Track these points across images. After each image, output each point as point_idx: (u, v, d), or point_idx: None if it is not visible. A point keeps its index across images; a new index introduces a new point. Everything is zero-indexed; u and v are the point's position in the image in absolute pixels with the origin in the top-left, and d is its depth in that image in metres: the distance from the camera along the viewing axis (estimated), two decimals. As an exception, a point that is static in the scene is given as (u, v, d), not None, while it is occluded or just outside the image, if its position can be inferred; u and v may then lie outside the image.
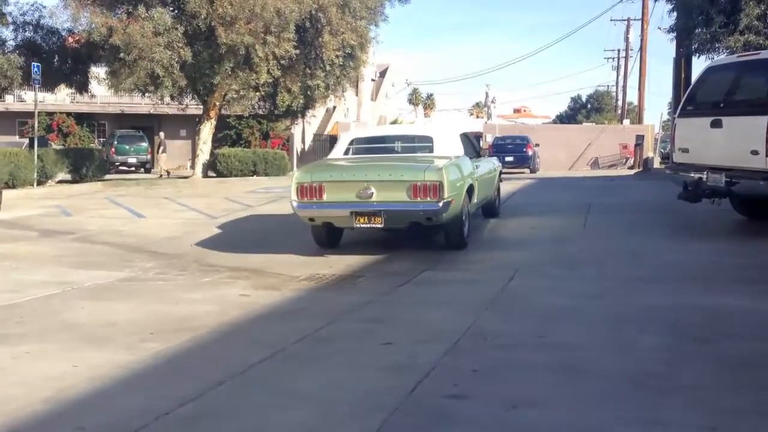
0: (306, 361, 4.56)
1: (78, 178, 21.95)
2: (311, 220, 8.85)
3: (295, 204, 8.77)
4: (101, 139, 36.56)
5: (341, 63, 22.43)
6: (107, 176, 24.43)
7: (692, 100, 9.67)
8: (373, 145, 10.44)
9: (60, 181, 21.38)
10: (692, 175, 9.10)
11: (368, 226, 8.55)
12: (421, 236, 9.34)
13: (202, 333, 5.25)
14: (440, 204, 8.27)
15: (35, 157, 19.56)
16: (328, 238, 9.25)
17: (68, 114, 35.71)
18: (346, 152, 10.05)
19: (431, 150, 9.78)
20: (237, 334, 5.33)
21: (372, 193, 8.43)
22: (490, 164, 11.27)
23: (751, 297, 5.95)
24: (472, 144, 10.91)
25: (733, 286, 6.44)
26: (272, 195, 16.77)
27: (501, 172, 12.47)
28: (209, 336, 5.20)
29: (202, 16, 19.97)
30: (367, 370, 4.32)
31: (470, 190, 9.24)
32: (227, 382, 4.13)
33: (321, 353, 4.73)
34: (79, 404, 3.88)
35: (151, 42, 19.65)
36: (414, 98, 78.16)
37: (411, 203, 8.38)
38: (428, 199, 8.31)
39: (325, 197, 8.64)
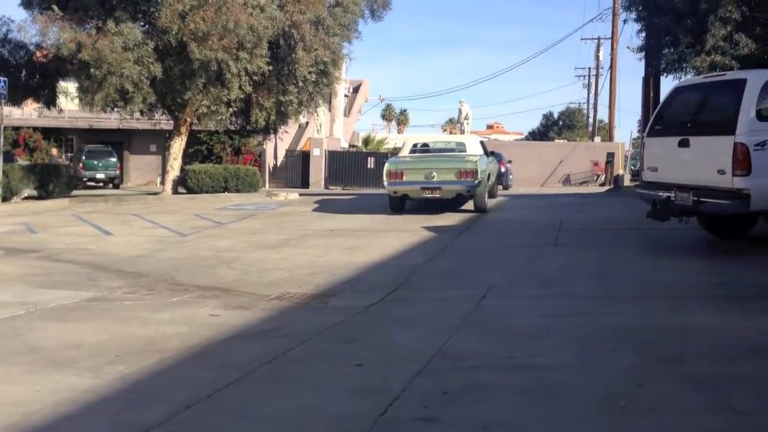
0: (276, 384, 4.50)
1: (44, 194, 21.59)
2: (395, 192, 15.00)
3: (386, 183, 14.93)
4: (69, 154, 36.10)
5: (314, 79, 22.39)
6: (75, 192, 24.07)
7: (660, 119, 9.79)
8: (427, 147, 17.08)
9: (26, 198, 21.01)
10: (661, 193, 9.20)
11: (431, 196, 14.67)
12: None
13: (170, 355, 5.15)
14: (476, 182, 14.35)
15: (0, 172, 19.21)
16: (399, 206, 15.29)
17: (35, 129, 35.22)
18: (410, 153, 16.55)
19: (464, 150, 16.10)
20: (206, 355, 5.24)
21: (434, 176, 14.51)
22: (494, 162, 17.84)
23: (719, 315, 6.00)
24: (485, 148, 17.05)
25: (701, 304, 6.49)
26: (243, 212, 16.65)
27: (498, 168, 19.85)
28: (177, 358, 5.11)
29: (174, 32, 19.83)
30: (338, 393, 4.27)
31: (488, 176, 15.51)
32: (195, 406, 4.06)
33: (291, 375, 4.67)
34: (42, 431, 3.77)
35: (120, 57, 19.45)
36: (387, 114, 78.49)
37: (457, 182, 14.45)
38: (468, 179, 14.40)
39: (404, 178, 14.76)
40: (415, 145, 17.13)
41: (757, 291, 7.02)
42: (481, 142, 17.32)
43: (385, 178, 14.92)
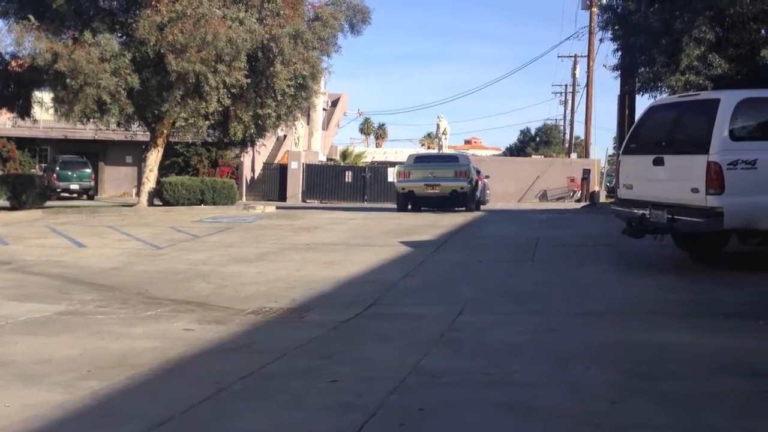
0: (251, 400, 4.45)
1: (17, 205, 21.31)
2: (403, 189, 20.45)
3: (396, 181, 21.52)
4: (43, 165, 35.69)
5: (293, 93, 22.41)
6: (48, 203, 23.78)
7: (635, 137, 9.92)
8: (425, 158, 23.25)
9: (-2, 208, 20.73)
10: (636, 211, 9.30)
11: (432, 192, 19.89)
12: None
13: (144, 370, 5.08)
14: (468, 181, 19.95)
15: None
16: (405, 206, 20.67)
17: (9, 138, 34.80)
18: (414, 161, 21.77)
19: (457, 160, 21.95)
20: (180, 371, 5.17)
21: (435, 175, 19.90)
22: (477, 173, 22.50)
23: (692, 332, 6.06)
24: (471, 162, 22.62)
25: (675, 321, 6.56)
26: (220, 225, 16.55)
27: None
28: (151, 373, 5.03)
29: (152, 43, 19.75)
30: (313, 410, 4.23)
31: (476, 183, 21.14)
32: (168, 422, 4.00)
33: (266, 391, 4.62)
34: (9, 448, 3.70)
35: (97, 68, 19.32)
36: (365, 128, 78.72)
37: (454, 179, 19.90)
38: (462, 178, 19.95)
39: (411, 177, 20.36)
40: (417, 156, 23.27)
41: (730, 308, 7.10)
42: (468, 157, 23.86)
43: (395, 178, 21.25)
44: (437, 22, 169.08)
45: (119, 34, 21.45)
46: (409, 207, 20.83)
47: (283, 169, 37.13)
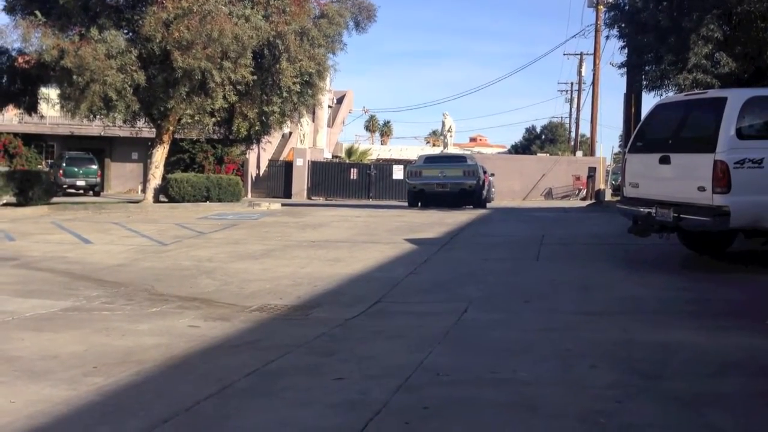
0: (255, 397, 4.45)
1: (24, 201, 21.37)
2: (414, 187, 21.67)
3: (407, 180, 22.34)
4: (49, 161, 35.78)
5: (299, 90, 22.40)
6: (55, 199, 23.83)
7: (642, 136, 9.88)
8: (437, 157, 24.85)
9: (5, 204, 20.79)
10: (642, 209, 9.27)
11: (441, 190, 21.13)
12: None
13: (149, 366, 5.09)
14: (476, 180, 21.23)
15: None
16: (416, 203, 21.85)
17: (15, 135, 34.89)
18: (424, 162, 23.17)
19: (464, 161, 23.34)
20: (185, 367, 5.18)
21: (444, 174, 21.22)
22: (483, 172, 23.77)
23: (698, 332, 6.04)
24: (477, 161, 23.77)
25: (679, 320, 6.53)
26: (225, 222, 16.57)
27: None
28: (155, 370, 5.04)
29: (157, 40, 19.77)
30: (317, 407, 4.23)
31: (484, 182, 22.16)
32: (173, 419, 4.00)
33: (270, 389, 4.62)
34: (14, 444, 3.71)
35: (103, 65, 19.34)
36: (371, 125, 78.75)
37: (462, 177, 21.17)
38: (470, 177, 21.17)
39: (422, 175, 21.63)
40: (428, 157, 24.71)
41: (735, 307, 7.09)
42: (474, 157, 26.11)
43: (407, 177, 22.64)
44: (442, 19, 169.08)
45: (125, 31, 21.46)
46: (420, 204, 22.04)
47: (289, 166, 37.15)
